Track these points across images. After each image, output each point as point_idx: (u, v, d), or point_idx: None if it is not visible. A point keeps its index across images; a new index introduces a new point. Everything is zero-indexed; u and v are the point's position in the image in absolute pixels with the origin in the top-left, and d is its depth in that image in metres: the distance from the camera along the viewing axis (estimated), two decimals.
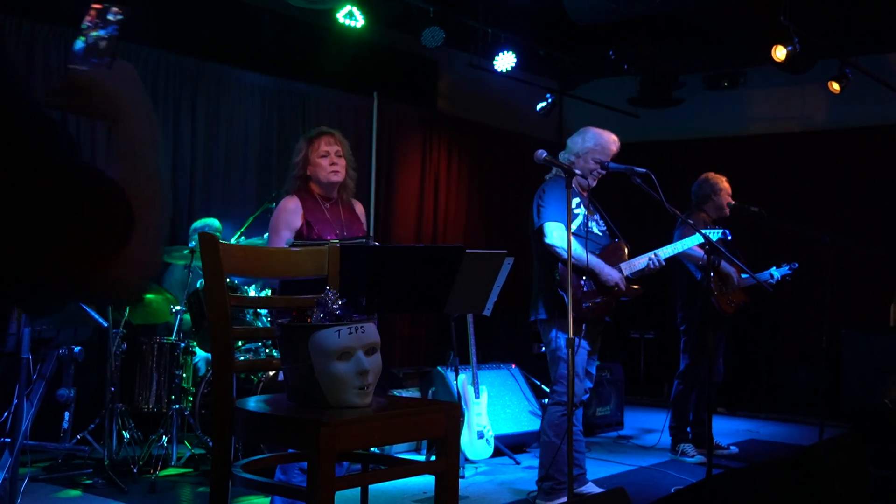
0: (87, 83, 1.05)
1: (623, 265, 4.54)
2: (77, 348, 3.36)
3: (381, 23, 7.19)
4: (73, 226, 0.93)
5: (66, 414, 4.80)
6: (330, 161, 3.89)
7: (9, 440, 3.05)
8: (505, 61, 7.39)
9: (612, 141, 4.62)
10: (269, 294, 5.03)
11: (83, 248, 0.95)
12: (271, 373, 4.72)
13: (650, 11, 6.15)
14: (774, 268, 5.85)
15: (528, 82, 8.27)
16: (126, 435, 5.14)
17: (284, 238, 3.80)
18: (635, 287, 4.56)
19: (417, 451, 5.61)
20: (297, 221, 3.82)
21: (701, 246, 5.18)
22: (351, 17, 6.58)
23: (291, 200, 3.88)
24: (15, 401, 3.06)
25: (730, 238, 5.32)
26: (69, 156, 0.95)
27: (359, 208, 4.10)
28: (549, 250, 4.39)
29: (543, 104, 8.09)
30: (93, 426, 5.16)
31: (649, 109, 8.86)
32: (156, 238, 1.03)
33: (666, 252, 4.78)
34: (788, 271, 5.83)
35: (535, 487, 4.57)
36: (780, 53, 6.51)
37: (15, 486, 3.03)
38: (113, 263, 0.97)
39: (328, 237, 3.77)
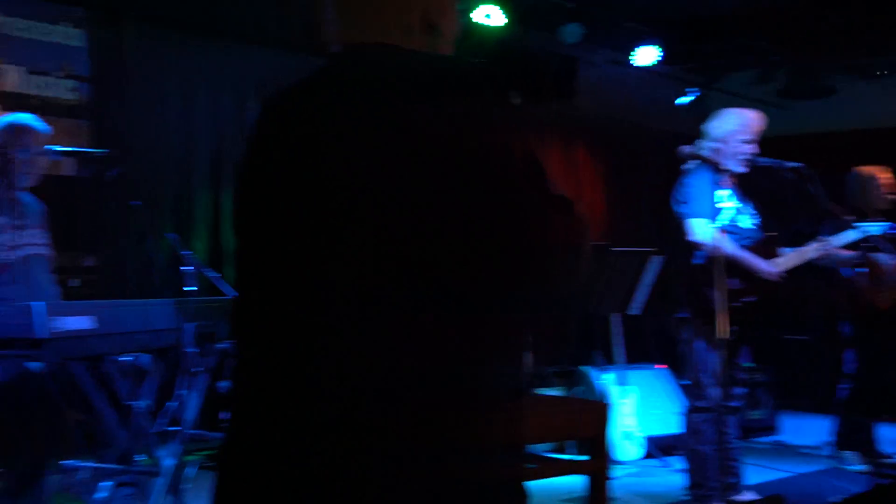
0: None
1: (776, 261, 4.34)
2: None
3: (518, 21, 7.17)
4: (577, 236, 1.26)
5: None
6: None
7: (176, 429, 3.19)
8: (645, 56, 7.25)
9: (754, 118, 4.43)
10: None
11: (580, 251, 1.26)
12: None
13: None
14: None
15: (669, 76, 8.10)
16: None
17: None
18: (788, 283, 4.37)
19: (559, 450, 5.57)
20: None
21: (849, 246, 4.92)
22: (489, 17, 6.59)
23: None
24: (180, 392, 3.20)
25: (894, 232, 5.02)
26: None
27: None
28: (694, 248, 4.25)
29: (686, 99, 7.90)
30: None
31: (799, 101, 8.53)
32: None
33: (822, 247, 4.54)
34: None
35: (685, 492, 4.46)
36: None
37: (181, 472, 3.17)
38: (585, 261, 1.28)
39: None
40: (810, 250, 4.42)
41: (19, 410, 3.20)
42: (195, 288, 3.22)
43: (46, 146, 3.58)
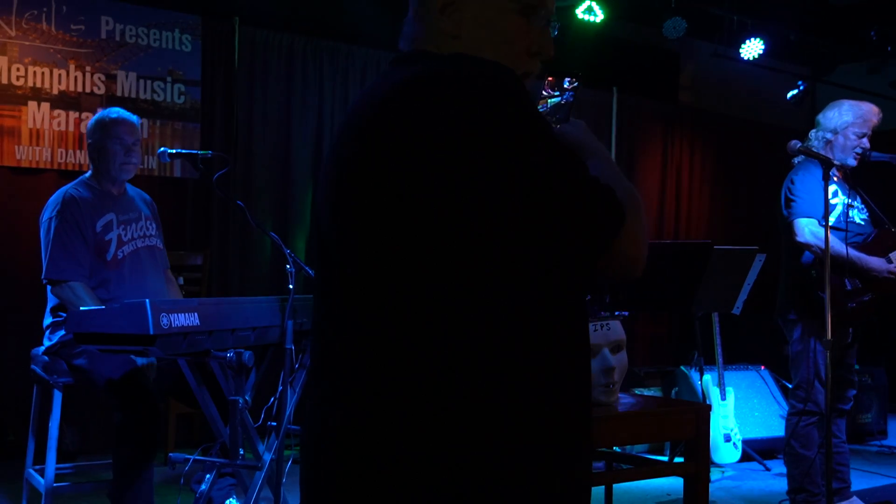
0: (564, 138, 1.48)
1: (893, 254, 4.15)
2: None
3: (620, 16, 7.09)
4: (599, 214, 1.30)
5: None
6: None
7: (275, 424, 3.26)
8: (752, 49, 7.06)
9: (872, 112, 4.24)
10: None
11: (604, 230, 1.30)
12: None
13: None
14: None
15: (777, 69, 7.87)
16: None
17: None
18: None
19: (654, 451, 5.48)
20: None
21: None
22: (590, 13, 6.53)
23: None
24: (280, 388, 3.26)
25: None
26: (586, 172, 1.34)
27: None
28: (803, 247, 4.12)
29: (794, 92, 7.62)
30: None
31: None
32: (641, 226, 1.35)
33: None
34: None
35: (786, 497, 4.33)
36: None
37: (281, 466, 3.24)
38: (617, 243, 1.30)
39: None
40: None
41: (132, 403, 3.31)
42: (293, 286, 3.28)
43: (161, 150, 3.68)
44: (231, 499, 3.63)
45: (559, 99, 1.55)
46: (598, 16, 6.50)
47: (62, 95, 5.22)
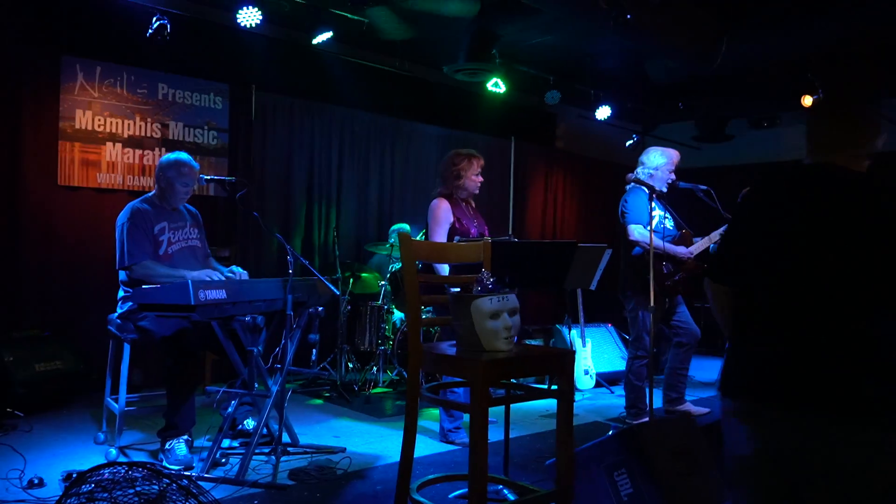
0: None
1: (692, 248, 4.27)
2: (321, 308, 3.49)
3: (517, 88, 7.14)
4: None
5: (314, 351, 5.01)
6: (479, 178, 3.84)
7: (280, 366, 3.21)
8: (603, 112, 7.17)
9: (676, 155, 4.38)
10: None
11: None
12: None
13: (709, 72, 5.82)
14: None
15: (620, 126, 8.01)
16: (350, 365, 5.33)
17: (446, 229, 3.71)
18: (700, 263, 4.30)
19: (542, 382, 5.55)
20: (451, 217, 3.73)
21: None
22: (496, 86, 6.55)
23: (444, 202, 3.75)
24: (283, 341, 3.22)
25: None
26: None
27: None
28: (635, 245, 4.21)
29: (630, 142, 7.81)
30: (329, 359, 5.39)
31: (708, 144, 8.39)
32: None
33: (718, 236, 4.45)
34: None
35: (623, 410, 4.42)
36: (807, 101, 6.02)
37: (283, 395, 3.20)
38: None
39: (471, 228, 3.74)
40: (712, 238, 4.34)
41: (179, 353, 3.23)
42: (292, 271, 3.23)
43: (200, 176, 3.58)
44: (249, 419, 3.57)
45: None
46: (502, 88, 6.52)
47: (130, 138, 5.05)
